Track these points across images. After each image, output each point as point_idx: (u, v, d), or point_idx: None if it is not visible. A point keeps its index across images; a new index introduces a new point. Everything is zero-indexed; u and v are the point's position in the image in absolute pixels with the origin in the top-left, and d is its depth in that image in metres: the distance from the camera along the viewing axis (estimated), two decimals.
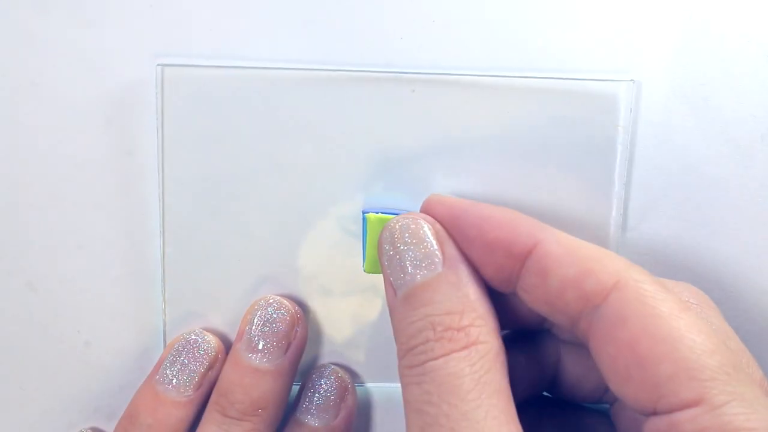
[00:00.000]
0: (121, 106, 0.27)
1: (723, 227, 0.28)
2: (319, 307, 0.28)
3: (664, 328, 0.18)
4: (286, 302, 0.26)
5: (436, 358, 0.20)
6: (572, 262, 0.20)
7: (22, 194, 0.27)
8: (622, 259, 0.20)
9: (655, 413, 0.18)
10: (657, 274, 0.28)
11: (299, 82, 0.26)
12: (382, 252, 0.22)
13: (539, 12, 0.26)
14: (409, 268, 0.21)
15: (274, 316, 0.26)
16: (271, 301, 0.26)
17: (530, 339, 0.25)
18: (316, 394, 0.27)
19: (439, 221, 0.22)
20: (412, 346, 0.20)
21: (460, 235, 0.22)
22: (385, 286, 0.22)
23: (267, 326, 0.26)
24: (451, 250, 0.21)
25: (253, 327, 0.26)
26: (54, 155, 0.27)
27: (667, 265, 0.28)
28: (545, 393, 0.26)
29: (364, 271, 0.26)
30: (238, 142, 0.26)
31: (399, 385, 0.27)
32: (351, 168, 0.27)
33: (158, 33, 0.26)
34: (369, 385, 0.29)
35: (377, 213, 0.26)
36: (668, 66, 0.27)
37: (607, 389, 0.24)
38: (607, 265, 0.20)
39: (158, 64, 0.26)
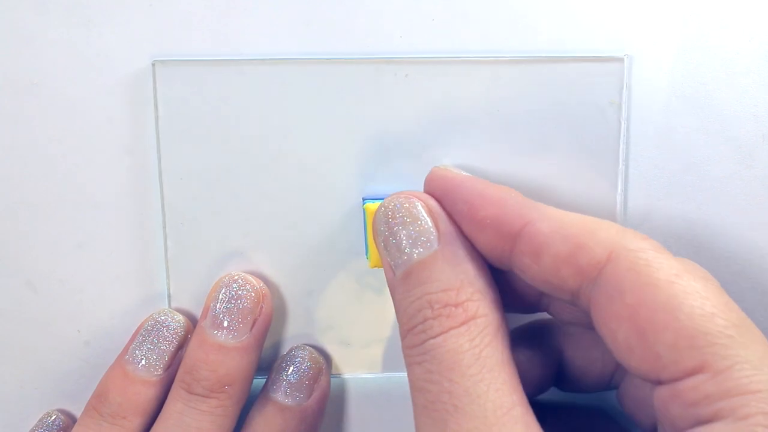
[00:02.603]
0: (121, 104, 0.27)
1: (725, 228, 0.28)
2: (320, 298, 0.28)
3: (661, 297, 0.18)
4: (251, 279, 0.26)
5: (435, 336, 0.19)
6: (563, 238, 0.19)
7: (22, 193, 0.27)
8: (614, 227, 0.20)
9: (660, 382, 0.18)
10: None
11: (291, 73, 0.26)
12: (377, 233, 0.22)
13: (539, 6, 0.26)
14: (405, 247, 0.21)
15: (240, 292, 0.26)
16: (236, 277, 0.26)
17: (531, 336, 0.25)
18: (290, 375, 0.27)
19: (434, 196, 0.22)
20: (412, 325, 0.20)
21: (453, 211, 0.22)
22: (383, 267, 0.22)
23: (232, 303, 0.26)
24: (446, 226, 0.21)
25: (218, 304, 0.26)
26: (54, 154, 0.27)
27: None
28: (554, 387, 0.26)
29: (369, 266, 0.26)
30: (236, 136, 0.26)
31: (377, 375, 0.27)
32: (349, 156, 0.27)
33: (158, 32, 0.26)
34: (346, 376, 0.29)
35: (376, 201, 0.26)
36: (669, 65, 0.27)
37: (612, 375, 0.24)
38: (598, 237, 0.19)
39: (152, 61, 0.26)
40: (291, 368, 0.27)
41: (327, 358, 0.28)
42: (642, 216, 0.28)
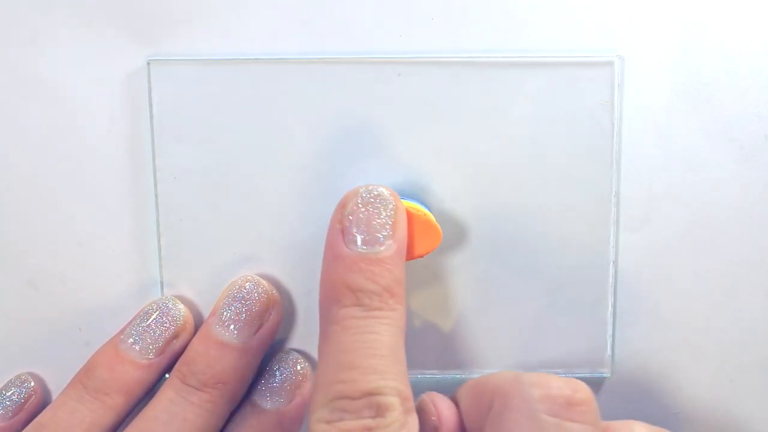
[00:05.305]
0: (118, 103, 0.27)
1: (727, 229, 0.28)
2: (313, 299, 0.28)
3: None
4: (264, 283, 0.27)
5: None
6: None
7: (23, 192, 0.27)
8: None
9: None
10: (660, 275, 0.28)
11: (286, 73, 0.26)
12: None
13: (537, 7, 0.26)
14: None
15: (250, 294, 0.26)
16: (249, 279, 0.26)
17: None
18: (272, 378, 0.27)
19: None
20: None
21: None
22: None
23: (240, 303, 0.26)
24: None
25: (226, 302, 0.26)
26: (55, 153, 0.27)
27: (670, 267, 0.28)
28: None
29: None
30: (230, 135, 0.26)
31: None
32: (342, 156, 0.27)
33: (154, 31, 0.26)
34: None
35: None
36: (670, 66, 0.27)
37: None
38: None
39: (147, 60, 0.26)
40: (274, 372, 0.27)
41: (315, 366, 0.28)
42: (644, 217, 0.28)
